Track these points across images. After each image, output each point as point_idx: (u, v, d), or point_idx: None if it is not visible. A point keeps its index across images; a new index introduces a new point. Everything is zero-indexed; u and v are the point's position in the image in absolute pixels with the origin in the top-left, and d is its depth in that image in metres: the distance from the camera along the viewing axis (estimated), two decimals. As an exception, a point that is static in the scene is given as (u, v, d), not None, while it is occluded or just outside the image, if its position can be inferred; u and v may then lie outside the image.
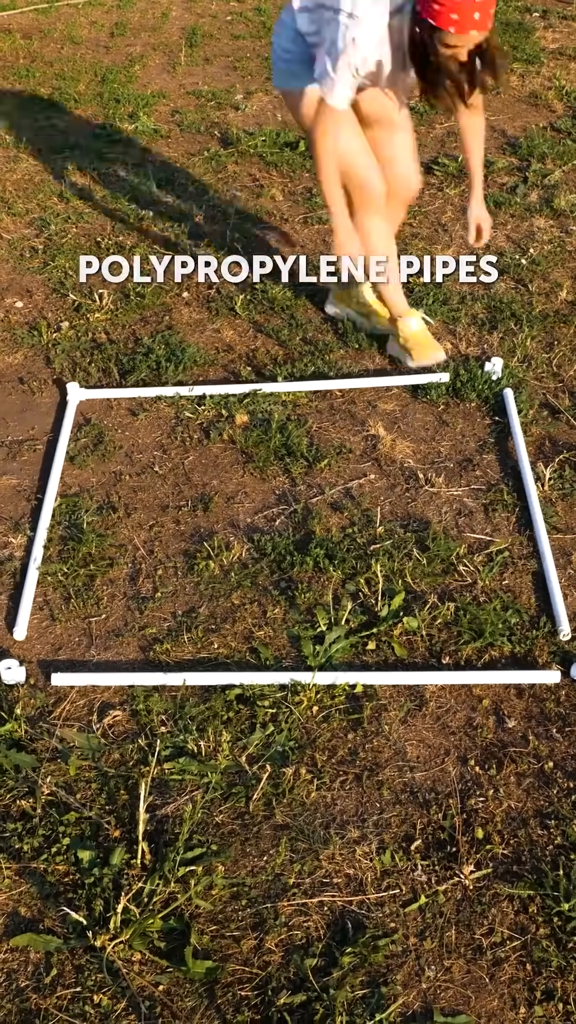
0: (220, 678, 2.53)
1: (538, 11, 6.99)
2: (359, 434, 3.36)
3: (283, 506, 3.09)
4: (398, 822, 2.26)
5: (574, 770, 2.36)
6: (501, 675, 2.54)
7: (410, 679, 2.54)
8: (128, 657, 2.64)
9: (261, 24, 6.84)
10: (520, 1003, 1.96)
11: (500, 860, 2.19)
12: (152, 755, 2.37)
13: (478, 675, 2.55)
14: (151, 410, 3.47)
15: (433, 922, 2.08)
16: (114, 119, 5.54)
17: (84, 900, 2.09)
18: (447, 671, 2.56)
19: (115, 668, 2.60)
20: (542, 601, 2.75)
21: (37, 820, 2.24)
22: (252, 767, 2.36)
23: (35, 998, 1.96)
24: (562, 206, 4.61)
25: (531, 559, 2.88)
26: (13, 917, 2.09)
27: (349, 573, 2.83)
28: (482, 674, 2.55)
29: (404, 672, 2.56)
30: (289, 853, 2.19)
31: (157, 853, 2.17)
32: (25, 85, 5.98)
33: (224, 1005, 1.95)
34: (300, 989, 1.96)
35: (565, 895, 2.09)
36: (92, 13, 7.13)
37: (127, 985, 1.97)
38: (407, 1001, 1.96)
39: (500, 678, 2.54)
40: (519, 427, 3.29)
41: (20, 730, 2.43)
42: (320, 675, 2.52)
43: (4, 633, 2.71)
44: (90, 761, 2.37)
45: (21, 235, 4.50)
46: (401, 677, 2.55)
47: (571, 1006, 1.94)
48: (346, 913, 2.10)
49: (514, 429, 3.29)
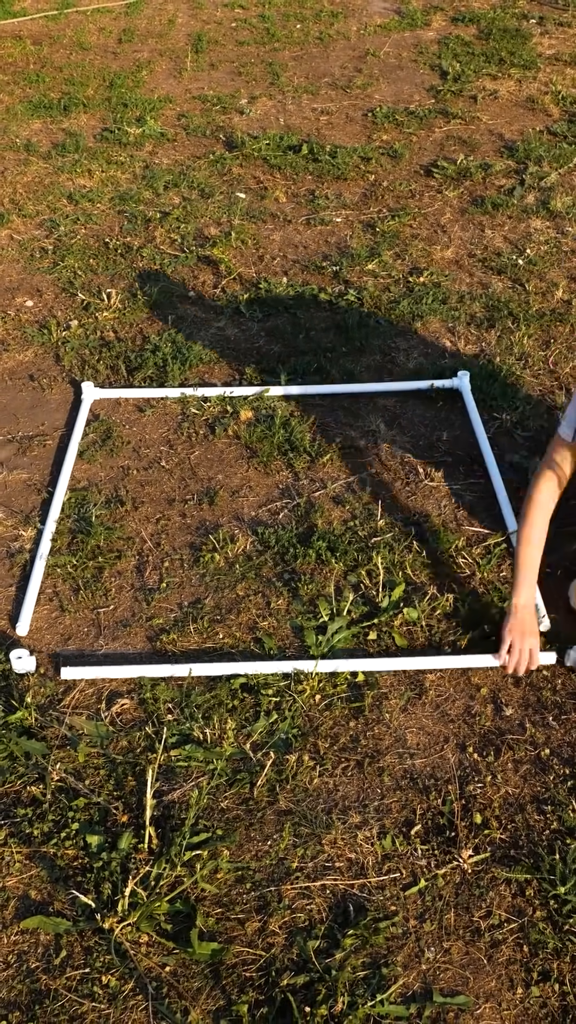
0: (225, 668, 2.52)
1: (535, 18, 6.96)
2: (360, 430, 3.35)
3: (286, 500, 3.07)
4: (398, 807, 2.25)
5: (570, 757, 2.35)
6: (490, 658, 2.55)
7: (406, 664, 2.53)
8: (135, 647, 2.63)
9: (265, 31, 6.82)
10: (517, 984, 1.95)
11: (498, 845, 2.18)
12: (159, 742, 2.36)
13: (472, 659, 2.55)
14: (158, 406, 3.46)
15: (432, 905, 2.07)
16: (122, 123, 5.51)
17: (93, 883, 2.08)
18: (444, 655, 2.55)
19: (123, 657, 2.59)
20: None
21: (47, 806, 2.23)
22: (256, 754, 2.35)
23: (45, 979, 1.95)
24: (558, 208, 4.59)
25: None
26: (24, 900, 2.08)
27: (351, 565, 2.82)
28: (475, 658, 2.55)
29: (401, 658, 2.55)
30: (292, 838, 2.18)
31: (164, 838, 2.16)
32: (35, 90, 5.96)
33: (229, 986, 1.94)
34: (303, 970, 1.95)
35: (561, 879, 2.09)
36: (100, 20, 7.10)
37: (135, 966, 1.96)
38: (407, 982, 1.95)
39: (490, 661, 2.54)
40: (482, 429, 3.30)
41: (31, 718, 2.42)
42: (322, 663, 2.51)
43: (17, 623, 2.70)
44: (98, 748, 2.36)
45: (31, 236, 4.49)
46: (398, 663, 2.54)
47: (567, 987, 1.93)
48: (348, 896, 2.09)
49: (477, 430, 3.30)
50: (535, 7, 7.18)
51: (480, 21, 6.93)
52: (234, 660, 2.56)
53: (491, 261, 4.24)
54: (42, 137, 5.41)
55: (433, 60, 6.33)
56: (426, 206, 4.66)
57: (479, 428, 3.27)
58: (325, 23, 7.01)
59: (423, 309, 3.91)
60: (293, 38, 6.73)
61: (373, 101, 5.79)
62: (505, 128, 5.43)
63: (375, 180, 4.91)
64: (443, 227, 4.51)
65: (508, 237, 4.41)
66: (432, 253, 4.30)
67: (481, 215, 4.58)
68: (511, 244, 4.36)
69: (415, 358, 3.67)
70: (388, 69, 6.23)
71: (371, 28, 6.90)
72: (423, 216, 4.58)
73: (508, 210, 4.60)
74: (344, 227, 4.52)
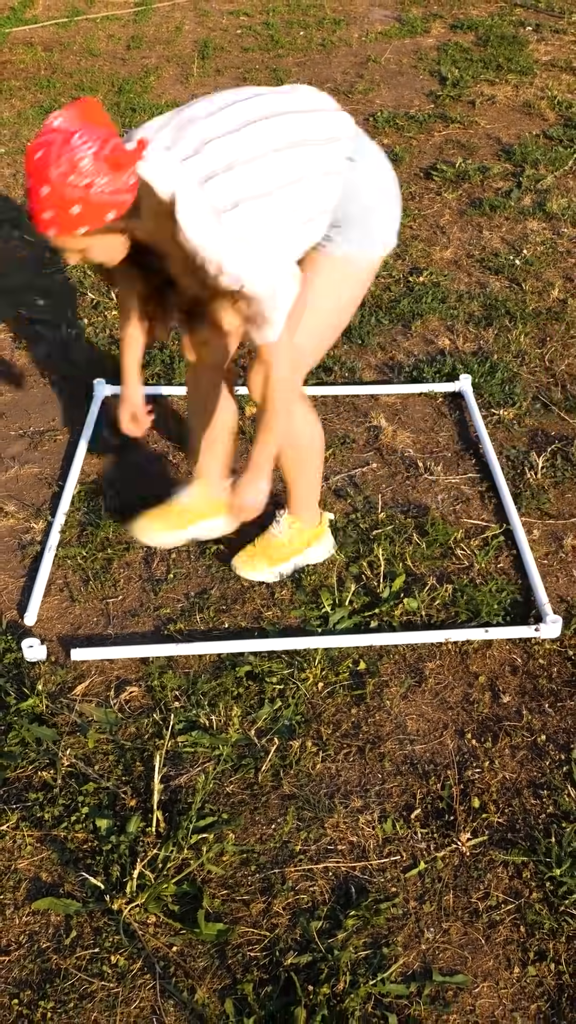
0: (232, 646, 2.53)
1: (531, 25, 6.93)
2: (362, 425, 3.33)
3: (290, 493, 3.06)
4: (399, 792, 2.24)
5: (565, 743, 2.34)
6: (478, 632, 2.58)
7: (402, 639, 2.53)
8: (143, 636, 2.62)
9: (269, 37, 6.79)
10: (514, 963, 1.94)
11: (495, 828, 2.17)
12: (166, 729, 2.35)
13: (463, 632, 2.58)
14: (166, 403, 3.45)
15: (432, 887, 2.06)
16: (130, 127, 5.49)
17: (102, 866, 2.07)
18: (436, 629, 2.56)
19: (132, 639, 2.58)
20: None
21: (57, 790, 2.23)
22: (261, 740, 2.34)
23: (56, 958, 1.94)
24: (554, 209, 4.57)
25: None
26: (35, 882, 2.08)
27: (352, 556, 2.81)
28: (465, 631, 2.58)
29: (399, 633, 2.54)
30: (296, 821, 2.17)
31: (171, 821, 2.15)
32: (47, 95, 5.94)
33: (234, 965, 1.93)
34: (306, 950, 1.95)
35: (557, 861, 2.08)
36: (110, 27, 7.07)
37: (143, 946, 1.96)
38: (407, 961, 1.94)
39: (477, 634, 2.57)
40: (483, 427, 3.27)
41: (42, 705, 2.41)
42: (326, 639, 2.52)
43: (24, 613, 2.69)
44: (107, 735, 2.36)
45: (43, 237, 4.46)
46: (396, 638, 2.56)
47: (563, 966, 1.93)
48: (350, 878, 2.08)
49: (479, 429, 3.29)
50: (531, 15, 7.15)
51: (478, 28, 6.89)
52: (240, 649, 2.55)
53: (489, 261, 4.22)
54: (53, 141, 5.39)
55: (432, 66, 6.30)
56: (426, 208, 4.64)
57: (480, 427, 3.25)
58: (328, 30, 6.98)
59: (423, 308, 3.89)
60: (296, 45, 6.70)
61: (374, 106, 5.77)
62: (502, 132, 5.41)
63: (376, 183, 4.88)
64: (442, 228, 4.49)
65: (505, 238, 4.39)
66: (432, 253, 4.28)
67: (479, 217, 4.56)
68: (508, 245, 4.34)
69: (415, 355, 3.65)
70: (389, 75, 6.21)
71: (372, 35, 6.87)
72: (423, 217, 4.56)
73: (505, 212, 4.58)
74: (346, 228, 4.50)
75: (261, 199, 2.05)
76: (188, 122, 2.09)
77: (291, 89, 2.22)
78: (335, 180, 2.18)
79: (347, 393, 3.46)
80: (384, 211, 2.30)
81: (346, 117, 2.22)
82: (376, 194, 2.27)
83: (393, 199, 2.32)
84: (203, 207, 2.00)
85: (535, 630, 2.55)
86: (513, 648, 2.57)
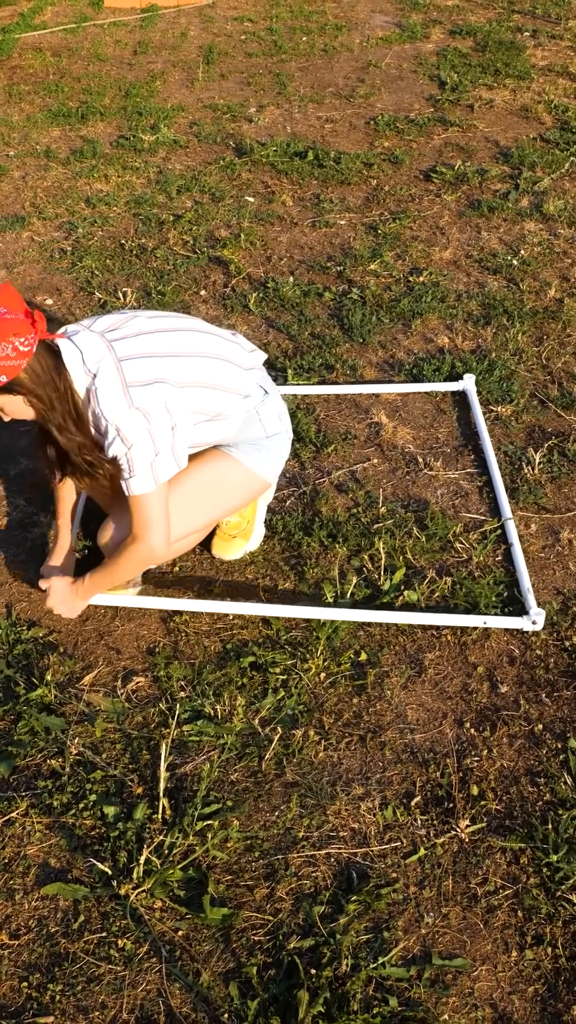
0: (246, 608, 2.60)
1: (529, 31, 6.90)
2: (363, 421, 3.32)
3: (292, 488, 3.05)
4: (399, 780, 2.23)
5: (562, 732, 2.33)
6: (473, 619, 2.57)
7: (400, 618, 2.52)
8: (150, 627, 2.61)
9: (272, 43, 6.76)
10: (512, 947, 1.93)
11: (493, 815, 2.16)
12: (172, 718, 2.34)
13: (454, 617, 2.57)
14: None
15: (431, 872, 2.05)
16: (137, 130, 5.47)
17: (109, 852, 2.07)
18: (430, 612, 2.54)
19: (138, 637, 2.57)
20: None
21: (66, 778, 2.22)
22: (264, 729, 2.33)
23: (64, 942, 1.94)
24: (551, 211, 4.54)
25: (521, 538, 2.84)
26: (44, 867, 2.07)
27: (354, 550, 2.80)
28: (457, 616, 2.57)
29: (397, 612, 2.53)
30: (299, 808, 2.16)
31: (177, 808, 2.14)
32: (55, 99, 5.92)
33: (239, 949, 1.92)
34: (309, 934, 1.94)
35: (554, 847, 2.07)
36: (117, 33, 7.05)
37: (149, 930, 1.95)
38: (407, 945, 1.93)
39: (472, 621, 2.56)
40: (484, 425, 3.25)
41: (50, 695, 2.40)
42: (332, 611, 2.56)
43: (37, 604, 2.68)
44: (115, 724, 2.35)
45: (51, 238, 4.46)
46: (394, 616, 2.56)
47: (559, 950, 1.91)
48: (351, 864, 2.07)
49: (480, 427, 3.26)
50: (529, 21, 7.12)
51: (477, 34, 6.86)
52: (244, 640, 2.54)
53: (487, 261, 4.20)
54: (61, 144, 5.38)
55: (432, 71, 6.28)
56: (425, 209, 4.62)
57: (481, 425, 3.23)
58: (330, 36, 6.95)
59: (422, 307, 3.88)
60: (299, 50, 6.68)
61: (375, 110, 5.74)
62: (500, 135, 5.38)
63: (377, 185, 4.86)
64: (442, 229, 4.47)
65: (503, 239, 4.37)
66: (431, 254, 4.26)
67: (478, 218, 4.54)
68: (506, 245, 4.32)
69: (415, 353, 3.64)
70: (389, 79, 6.18)
71: (373, 41, 6.84)
72: (423, 219, 4.54)
73: (503, 213, 4.56)
74: (347, 229, 4.48)
75: (175, 387, 2.26)
76: (132, 317, 2.35)
77: (233, 335, 2.52)
78: (246, 403, 2.46)
79: (351, 392, 3.45)
80: (281, 445, 2.58)
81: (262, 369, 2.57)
82: (279, 426, 2.56)
83: (287, 443, 2.60)
84: (117, 380, 2.22)
85: (532, 623, 2.54)
86: (511, 639, 2.55)
